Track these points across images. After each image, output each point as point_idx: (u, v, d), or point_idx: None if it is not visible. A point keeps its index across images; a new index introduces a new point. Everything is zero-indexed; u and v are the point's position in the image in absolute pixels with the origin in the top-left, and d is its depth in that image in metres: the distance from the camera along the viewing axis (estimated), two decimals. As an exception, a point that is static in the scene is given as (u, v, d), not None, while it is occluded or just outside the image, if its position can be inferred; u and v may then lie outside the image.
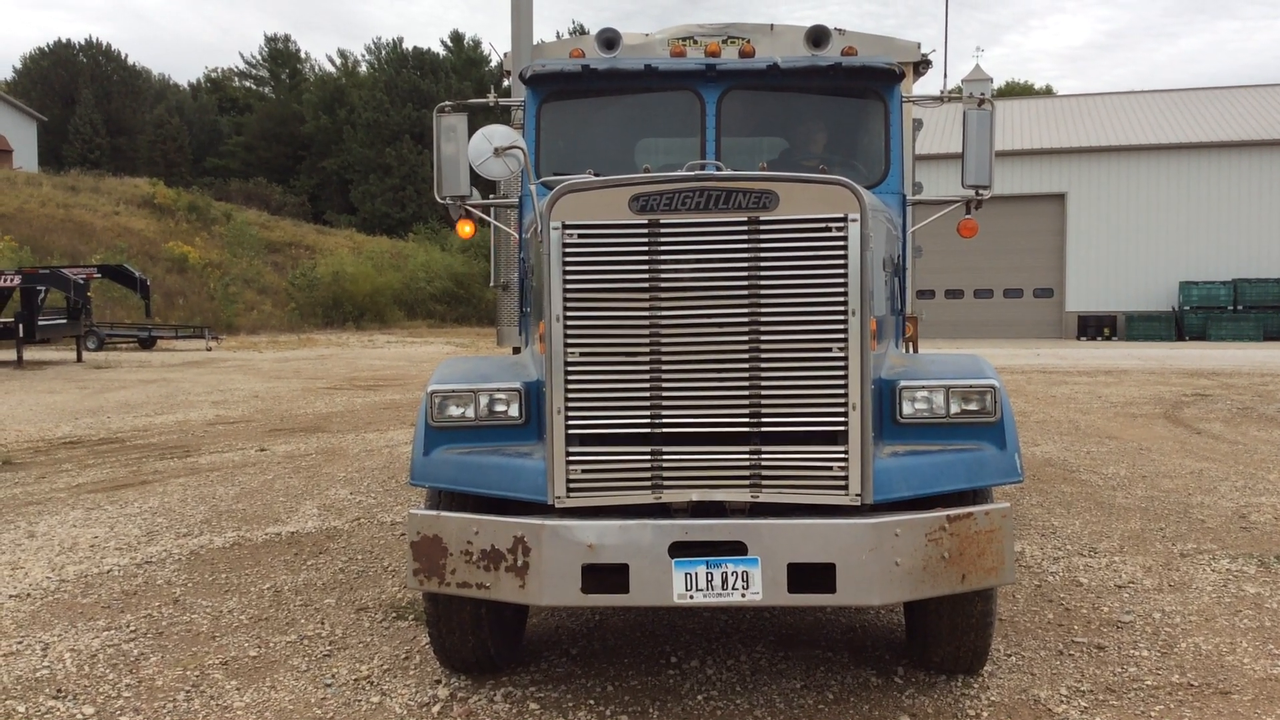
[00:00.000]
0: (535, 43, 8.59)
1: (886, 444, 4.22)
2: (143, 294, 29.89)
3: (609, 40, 5.87)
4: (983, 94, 6.21)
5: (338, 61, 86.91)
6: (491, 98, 6.55)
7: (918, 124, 7.50)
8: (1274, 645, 5.16)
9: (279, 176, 75.06)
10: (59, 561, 7.01)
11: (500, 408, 4.34)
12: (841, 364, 3.92)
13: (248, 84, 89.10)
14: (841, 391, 3.92)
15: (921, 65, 7.63)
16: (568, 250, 3.95)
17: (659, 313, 3.93)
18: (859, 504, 3.93)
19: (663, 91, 5.92)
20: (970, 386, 4.27)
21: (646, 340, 3.94)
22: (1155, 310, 37.67)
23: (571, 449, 3.99)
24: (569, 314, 3.97)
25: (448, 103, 5.98)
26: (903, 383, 4.28)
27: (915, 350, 7.27)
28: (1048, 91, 72.92)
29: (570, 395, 3.98)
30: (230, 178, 72.34)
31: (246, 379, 22.16)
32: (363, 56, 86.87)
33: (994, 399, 4.26)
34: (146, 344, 33.69)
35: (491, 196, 6.57)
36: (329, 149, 75.20)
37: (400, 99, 73.53)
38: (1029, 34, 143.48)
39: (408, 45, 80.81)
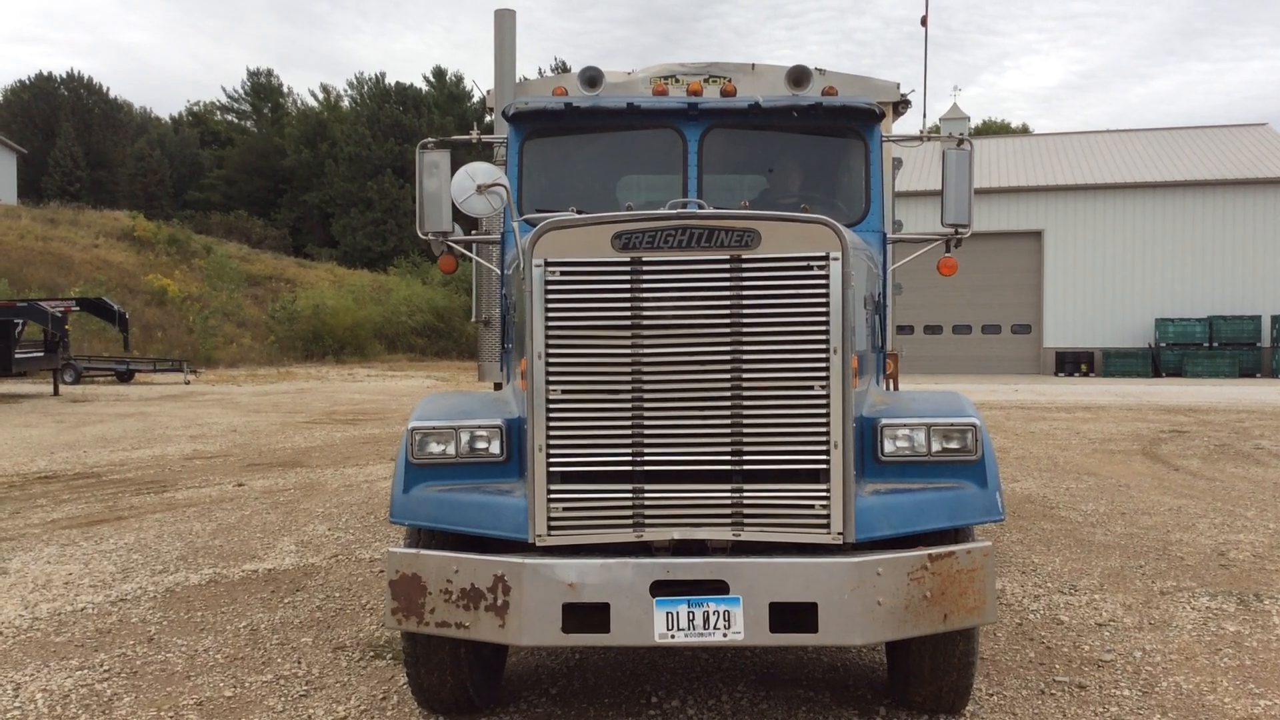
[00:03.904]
0: (518, 80, 8.64)
1: (868, 482, 4.23)
2: (121, 327, 29.84)
3: (592, 78, 5.92)
4: (962, 134, 6.27)
5: (320, 96, 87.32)
6: (474, 134, 6.57)
7: (897, 163, 7.57)
8: (1254, 684, 5.17)
9: (260, 210, 74.98)
10: (32, 599, 6.91)
11: (481, 445, 4.32)
12: (823, 402, 3.92)
13: (230, 118, 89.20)
14: (823, 429, 3.92)
15: (901, 105, 7.71)
16: (550, 287, 3.96)
17: (641, 350, 3.93)
18: (841, 543, 3.93)
19: (645, 129, 5.96)
20: (951, 425, 4.28)
21: (628, 378, 3.94)
22: (1132, 347, 38.03)
23: (553, 487, 3.97)
24: (551, 351, 3.96)
25: (430, 139, 5.99)
26: (884, 421, 4.29)
27: (896, 387, 7.29)
28: (1024, 130, 73.87)
29: (552, 433, 3.97)
30: (211, 211, 72.25)
31: (225, 413, 22.00)
32: (345, 91, 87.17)
33: (975, 437, 4.27)
34: (124, 377, 33.46)
35: (474, 232, 6.58)
36: (310, 183, 75.19)
37: (382, 133, 73.65)
38: (1003, 74, 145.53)
39: (390, 80, 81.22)
